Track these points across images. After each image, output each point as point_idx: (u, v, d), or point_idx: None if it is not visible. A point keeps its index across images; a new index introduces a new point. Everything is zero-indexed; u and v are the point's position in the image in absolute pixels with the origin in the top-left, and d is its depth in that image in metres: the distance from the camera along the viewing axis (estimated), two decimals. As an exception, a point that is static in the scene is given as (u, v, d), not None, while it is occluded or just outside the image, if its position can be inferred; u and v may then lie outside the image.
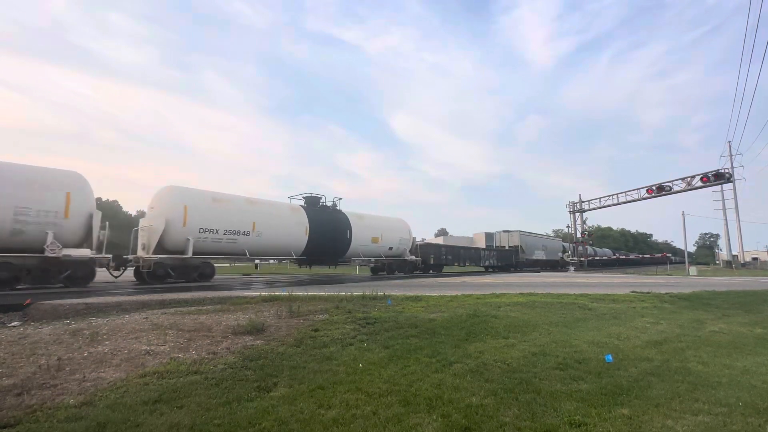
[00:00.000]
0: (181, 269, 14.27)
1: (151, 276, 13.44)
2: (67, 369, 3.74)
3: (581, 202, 42.81)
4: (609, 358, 4.23)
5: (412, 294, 9.63)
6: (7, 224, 10.57)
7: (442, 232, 75.89)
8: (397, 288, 11.88)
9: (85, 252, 11.88)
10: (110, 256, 12.99)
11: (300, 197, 20.45)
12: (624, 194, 39.81)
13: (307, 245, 18.45)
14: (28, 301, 7.65)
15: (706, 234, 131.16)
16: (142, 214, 45.85)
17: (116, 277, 13.92)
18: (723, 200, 49.24)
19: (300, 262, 19.80)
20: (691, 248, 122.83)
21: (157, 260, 13.57)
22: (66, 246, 11.45)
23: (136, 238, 14.97)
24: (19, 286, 10.93)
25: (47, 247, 10.93)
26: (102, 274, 13.66)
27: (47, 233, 11.03)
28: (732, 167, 43.38)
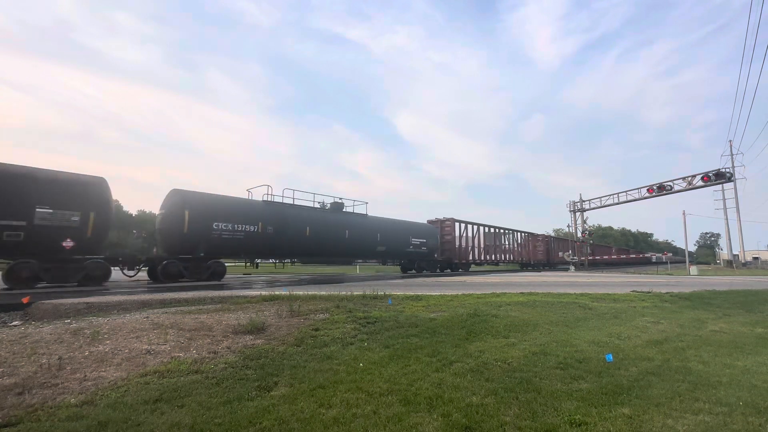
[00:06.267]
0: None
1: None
2: (68, 368, 3.75)
3: (582, 201, 42.74)
4: (609, 357, 4.23)
5: (413, 293, 9.62)
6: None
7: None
8: (397, 287, 11.88)
9: None
10: None
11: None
12: (625, 193, 39.73)
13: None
14: (26, 299, 7.67)
15: (707, 233, 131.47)
16: (143, 214, 45.88)
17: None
18: (724, 199, 49.25)
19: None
20: (692, 248, 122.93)
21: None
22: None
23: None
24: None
25: None
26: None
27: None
28: (733, 166, 43.40)
